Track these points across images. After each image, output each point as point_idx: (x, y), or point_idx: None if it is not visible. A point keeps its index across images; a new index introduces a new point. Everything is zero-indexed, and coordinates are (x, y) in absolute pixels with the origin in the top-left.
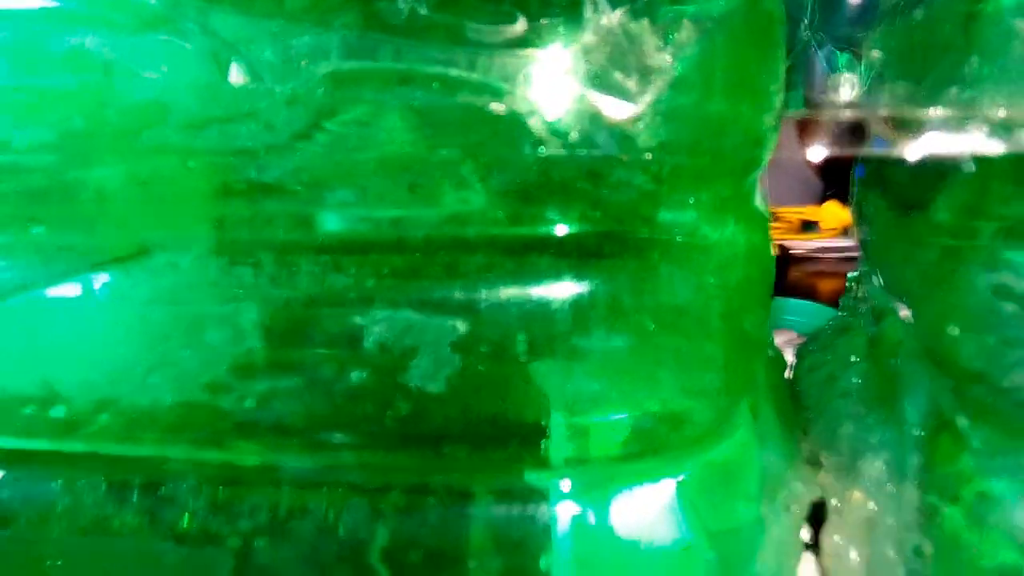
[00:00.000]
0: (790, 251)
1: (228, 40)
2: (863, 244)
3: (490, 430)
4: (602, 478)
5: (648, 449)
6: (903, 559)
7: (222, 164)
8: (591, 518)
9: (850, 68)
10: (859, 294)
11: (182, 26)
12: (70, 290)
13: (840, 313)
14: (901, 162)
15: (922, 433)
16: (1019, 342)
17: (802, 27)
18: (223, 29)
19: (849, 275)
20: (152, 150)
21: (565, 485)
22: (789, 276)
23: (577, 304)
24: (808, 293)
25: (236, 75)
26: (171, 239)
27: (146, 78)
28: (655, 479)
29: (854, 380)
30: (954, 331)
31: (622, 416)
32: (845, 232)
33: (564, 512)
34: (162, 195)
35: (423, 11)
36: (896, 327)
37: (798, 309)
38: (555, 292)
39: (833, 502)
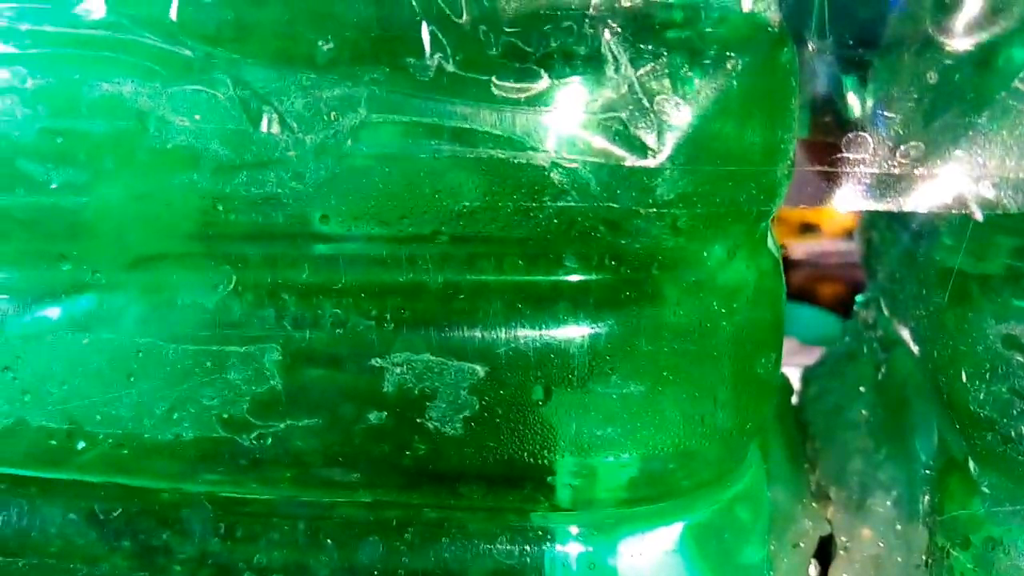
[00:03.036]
0: (789, 255)
1: (259, 91)
2: (868, 267)
3: (505, 471)
4: (610, 521)
5: (657, 492)
6: None
7: (249, 208)
8: (598, 561)
9: (856, 91)
10: (867, 319)
11: (214, 76)
12: (94, 325)
13: (846, 338)
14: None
15: (932, 472)
16: (1017, 392)
17: (808, 47)
18: (254, 80)
19: (857, 299)
20: (180, 192)
21: (573, 527)
22: (789, 280)
23: (593, 349)
24: (809, 298)
25: (266, 125)
26: (196, 280)
27: (178, 125)
28: (664, 522)
29: (863, 412)
30: (963, 377)
31: (632, 458)
32: (848, 235)
33: (571, 554)
34: (186, 232)
35: (450, 68)
36: (906, 360)
37: (799, 315)
38: (572, 336)
39: (842, 539)
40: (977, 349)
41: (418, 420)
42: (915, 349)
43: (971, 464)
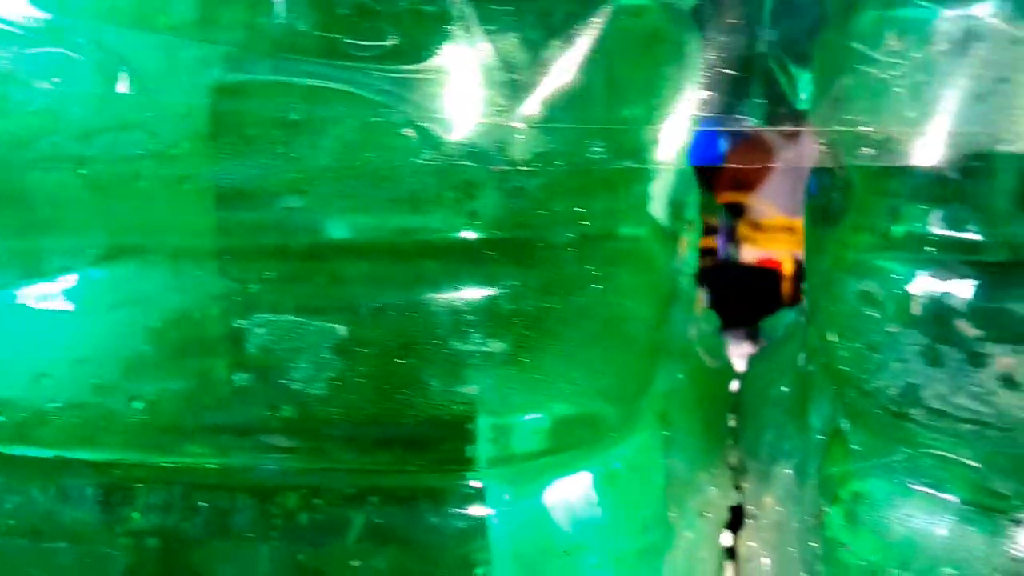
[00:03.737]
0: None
1: (116, 52)
2: None
3: (420, 432)
4: (527, 474)
5: (563, 446)
6: (803, 563)
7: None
8: (519, 511)
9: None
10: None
11: (74, 39)
12: (30, 295)
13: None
14: (823, 174)
15: (824, 438)
16: (881, 347)
17: (759, 40)
18: (113, 42)
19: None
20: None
21: (493, 482)
22: None
23: (455, 308)
24: None
25: (123, 86)
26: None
27: (39, 88)
28: (572, 472)
29: (783, 388)
30: (833, 337)
31: (537, 416)
32: None
33: (494, 507)
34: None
35: (301, 27)
36: (813, 335)
37: None
38: (436, 295)
39: (750, 508)
40: (842, 308)
41: (282, 381)
42: None
43: (844, 423)
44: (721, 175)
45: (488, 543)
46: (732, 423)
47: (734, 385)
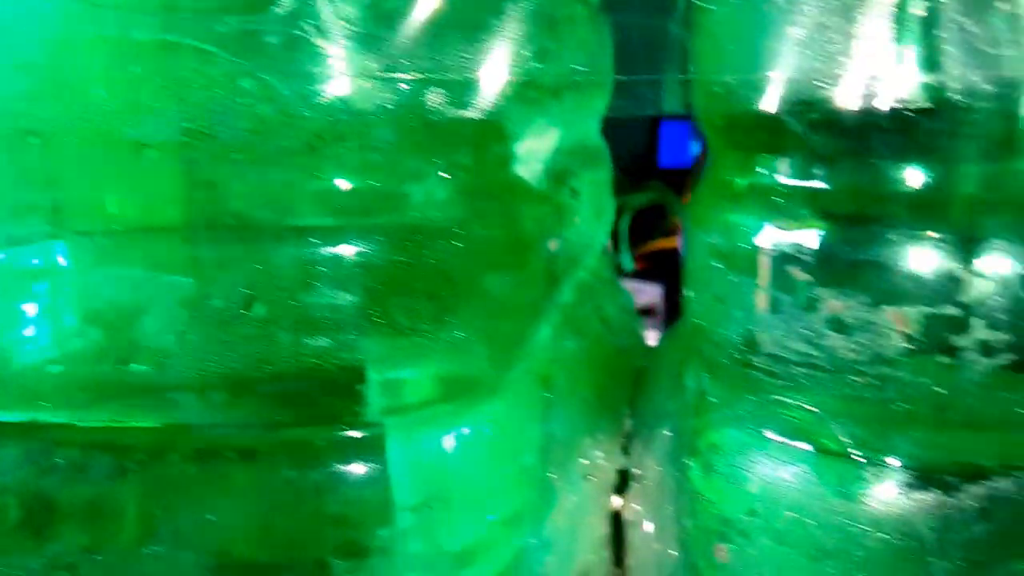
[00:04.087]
0: None
1: None
2: None
3: (301, 387)
4: (416, 423)
5: (434, 401)
6: (675, 520)
7: None
8: (414, 458)
9: None
10: None
11: None
12: None
13: None
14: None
15: (693, 395)
16: (726, 298)
17: (672, 23)
18: None
19: None
20: None
21: (385, 431)
22: None
23: (300, 260)
24: None
25: None
26: None
27: None
28: (456, 425)
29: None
30: (690, 293)
31: (417, 372)
32: None
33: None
34: None
35: None
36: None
37: None
38: (280, 248)
39: (636, 471)
40: (695, 263)
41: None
42: None
43: (704, 377)
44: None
45: (373, 495)
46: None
47: None
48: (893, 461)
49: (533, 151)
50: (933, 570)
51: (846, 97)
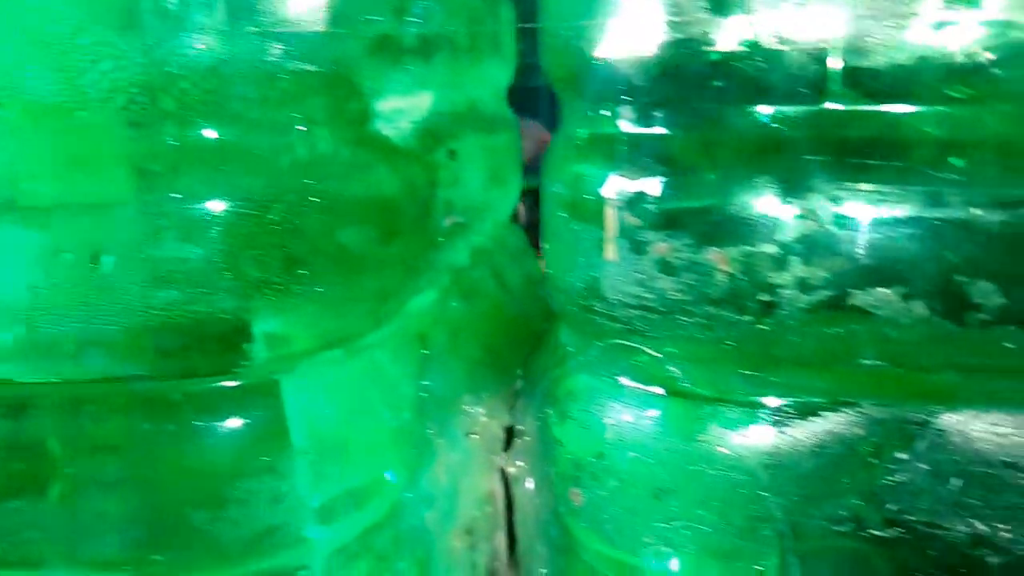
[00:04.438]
0: None
1: None
2: None
3: (166, 341)
4: (283, 375)
5: (311, 351)
6: (541, 471)
7: None
8: (279, 410)
9: None
10: None
11: None
12: None
13: None
14: None
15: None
16: (571, 247)
17: None
18: None
19: None
20: None
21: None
22: None
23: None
24: None
25: None
26: None
27: None
28: (324, 378)
29: None
30: (545, 244)
31: (276, 325)
32: None
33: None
34: None
35: None
36: None
37: None
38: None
39: (519, 428)
40: (548, 214)
41: None
42: None
43: (563, 328)
44: None
45: (231, 445)
46: None
47: None
48: (727, 400)
49: (400, 110)
50: (768, 505)
51: (675, 46)
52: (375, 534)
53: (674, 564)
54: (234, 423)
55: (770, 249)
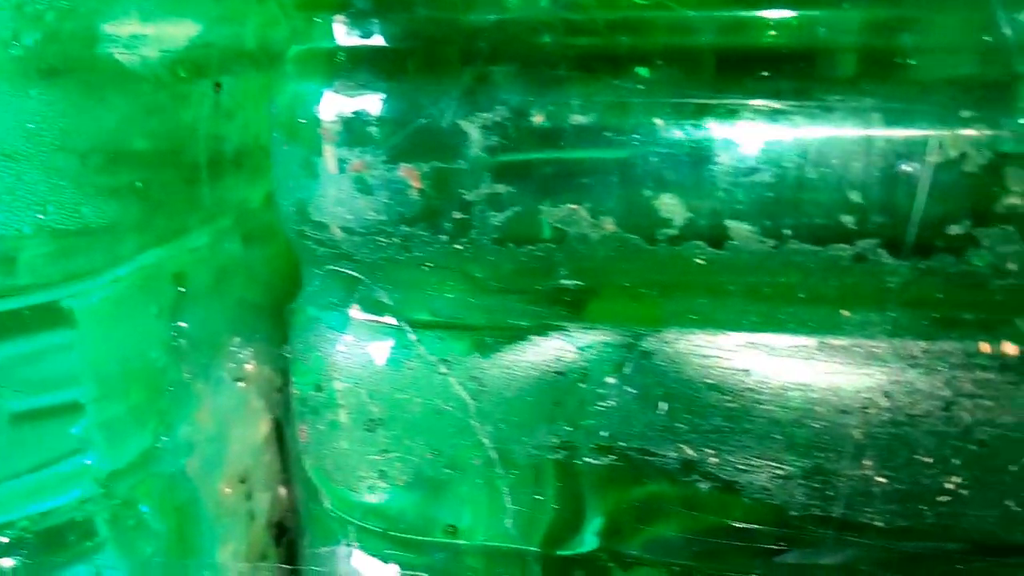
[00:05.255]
0: None
1: None
2: None
3: None
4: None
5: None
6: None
7: None
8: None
9: None
10: None
11: None
12: None
13: None
14: None
15: None
16: (283, 170)
17: None
18: None
19: None
20: None
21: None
22: None
23: None
24: None
25: None
26: None
27: None
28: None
29: None
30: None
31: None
32: None
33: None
34: None
35: None
36: None
37: None
38: None
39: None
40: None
41: None
42: None
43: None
44: None
45: None
46: None
47: None
48: (433, 325)
49: (141, 36)
50: (477, 433)
51: None
52: (118, 480)
53: (387, 497)
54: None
55: (461, 165)
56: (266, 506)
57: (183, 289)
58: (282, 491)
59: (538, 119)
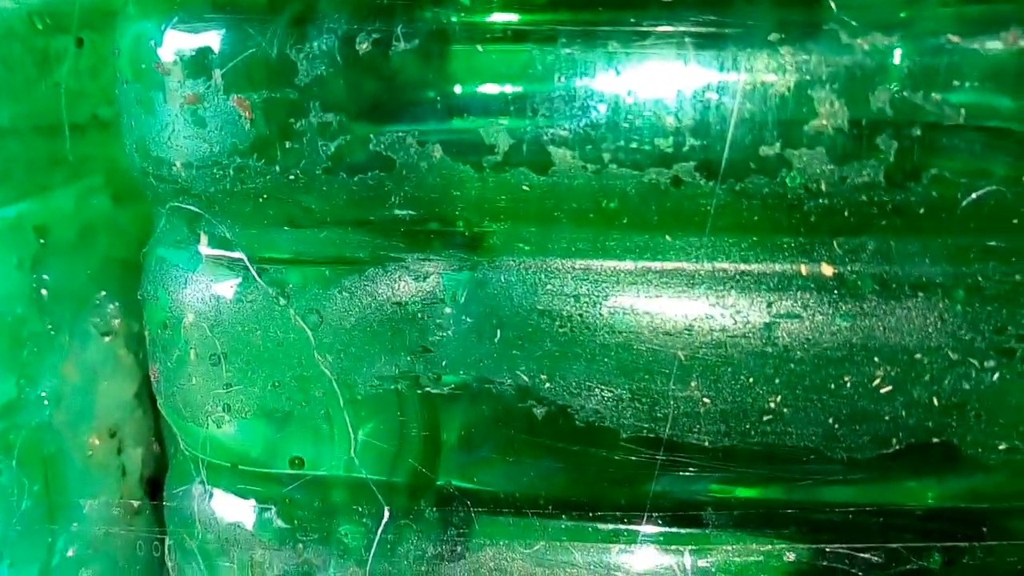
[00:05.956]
0: None
1: None
2: None
3: None
4: None
5: None
6: None
7: None
8: None
9: None
10: None
11: None
12: None
13: None
14: None
15: None
16: (125, 110)
17: None
18: None
19: None
20: None
21: None
22: None
23: None
24: None
25: None
26: None
27: None
28: None
29: None
30: None
31: None
32: None
33: None
34: None
35: None
36: None
37: None
38: None
39: None
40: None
41: None
42: None
43: None
44: None
45: None
46: None
47: None
48: (274, 259)
49: None
50: (319, 365)
51: None
52: None
53: (233, 430)
54: None
55: (290, 94)
56: (138, 461)
57: (43, 241)
58: (156, 447)
59: (363, 47)
